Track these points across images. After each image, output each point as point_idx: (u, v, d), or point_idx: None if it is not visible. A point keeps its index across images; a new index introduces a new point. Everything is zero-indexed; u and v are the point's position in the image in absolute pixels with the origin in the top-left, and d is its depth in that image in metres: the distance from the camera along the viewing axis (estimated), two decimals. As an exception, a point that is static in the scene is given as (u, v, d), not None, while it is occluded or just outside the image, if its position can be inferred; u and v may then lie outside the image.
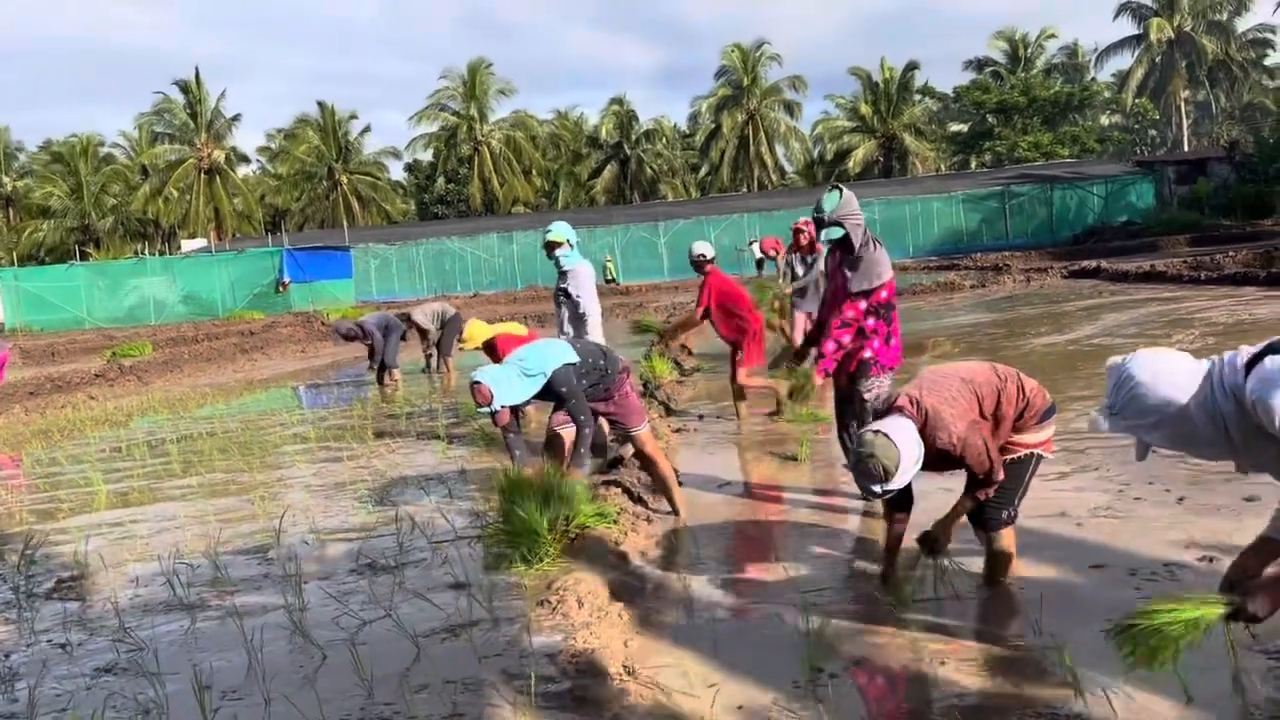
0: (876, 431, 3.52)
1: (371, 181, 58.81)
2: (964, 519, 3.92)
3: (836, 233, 5.08)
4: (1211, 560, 3.88)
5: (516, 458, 5.36)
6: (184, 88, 53.25)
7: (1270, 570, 2.76)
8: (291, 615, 4.03)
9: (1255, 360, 2.55)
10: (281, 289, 34.30)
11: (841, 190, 5.14)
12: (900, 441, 3.48)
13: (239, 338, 22.89)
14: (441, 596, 4.14)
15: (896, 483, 3.50)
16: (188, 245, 45.25)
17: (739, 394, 8.06)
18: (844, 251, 5.13)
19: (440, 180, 62.52)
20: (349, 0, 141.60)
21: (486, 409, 4.97)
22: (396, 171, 65.89)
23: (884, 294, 5.06)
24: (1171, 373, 2.67)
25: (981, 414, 3.74)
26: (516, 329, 8.82)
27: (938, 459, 3.66)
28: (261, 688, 3.32)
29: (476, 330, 8.65)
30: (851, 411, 5.17)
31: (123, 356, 19.72)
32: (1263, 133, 43.48)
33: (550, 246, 6.98)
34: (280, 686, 3.32)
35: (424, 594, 4.18)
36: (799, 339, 8.13)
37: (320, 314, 27.81)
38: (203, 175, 52.70)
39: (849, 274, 5.08)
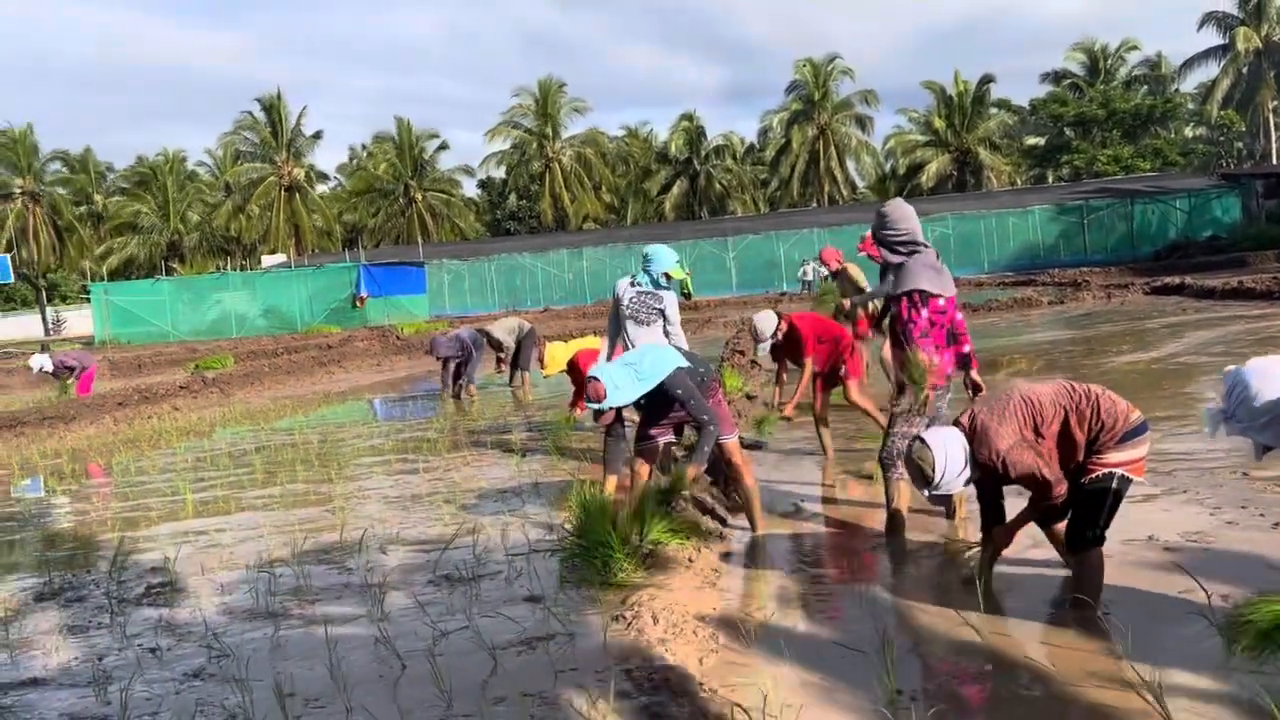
0: (919, 439, 3.92)
1: (445, 198, 59.81)
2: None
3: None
4: (1310, 588, 3.74)
5: (612, 464, 5.40)
6: (266, 106, 54.78)
7: None
8: (372, 625, 4.10)
9: None
10: (359, 303, 35.02)
11: (889, 207, 5.19)
12: (937, 447, 3.82)
13: (317, 351, 23.41)
14: (517, 609, 4.18)
15: (945, 486, 3.83)
16: (268, 261, 46.47)
17: (823, 421, 7.46)
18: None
19: (512, 197, 63.35)
20: (412, 22, 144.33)
21: (597, 405, 5.01)
22: (469, 188, 66.95)
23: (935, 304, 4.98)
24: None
25: (1038, 432, 3.82)
26: (593, 343, 8.82)
27: (1068, 469, 3.84)
28: (343, 696, 3.38)
29: (557, 353, 8.62)
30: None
31: (206, 369, 20.30)
32: (1357, 144, 41.92)
33: (666, 276, 6.71)
34: (361, 695, 3.38)
35: (500, 607, 4.22)
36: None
37: (395, 328, 28.31)
38: (283, 192, 54.10)
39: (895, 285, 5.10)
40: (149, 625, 4.46)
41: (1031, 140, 58.10)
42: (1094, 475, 3.84)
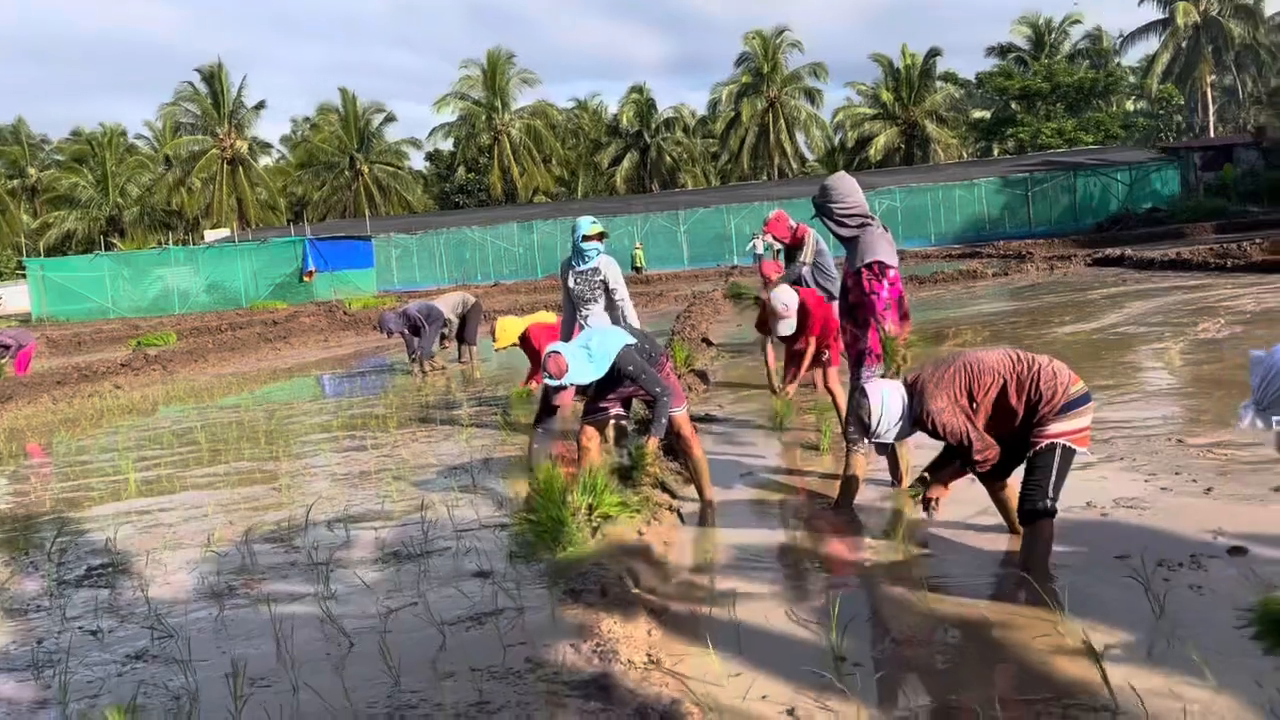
0: (861, 390, 4.20)
1: (392, 171, 59.01)
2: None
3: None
4: (1238, 551, 3.85)
5: (536, 450, 5.39)
6: (206, 76, 53.52)
7: None
8: (319, 603, 4.07)
9: None
10: (307, 278, 34.52)
11: (833, 180, 5.22)
12: (874, 398, 4.07)
13: (262, 327, 23.05)
14: (466, 585, 4.17)
15: (882, 434, 4.09)
16: (211, 235, 45.59)
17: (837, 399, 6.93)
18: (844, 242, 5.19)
19: (461, 170, 62.67)
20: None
21: (557, 382, 4.99)
22: (417, 161, 66.13)
23: (891, 272, 5.05)
24: None
25: (972, 398, 3.98)
26: (546, 318, 8.79)
27: (1004, 436, 4.03)
28: (290, 675, 3.36)
29: (509, 327, 8.49)
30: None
31: (148, 346, 19.92)
32: (1291, 117, 42.92)
33: (598, 237, 6.78)
34: (308, 674, 3.36)
35: (449, 583, 4.21)
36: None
37: (343, 303, 27.96)
38: (225, 165, 53.01)
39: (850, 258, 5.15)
40: (90, 607, 4.39)
41: (977, 113, 58.74)
42: (1038, 446, 3.93)
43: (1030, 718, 2.78)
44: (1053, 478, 3.89)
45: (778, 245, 13.97)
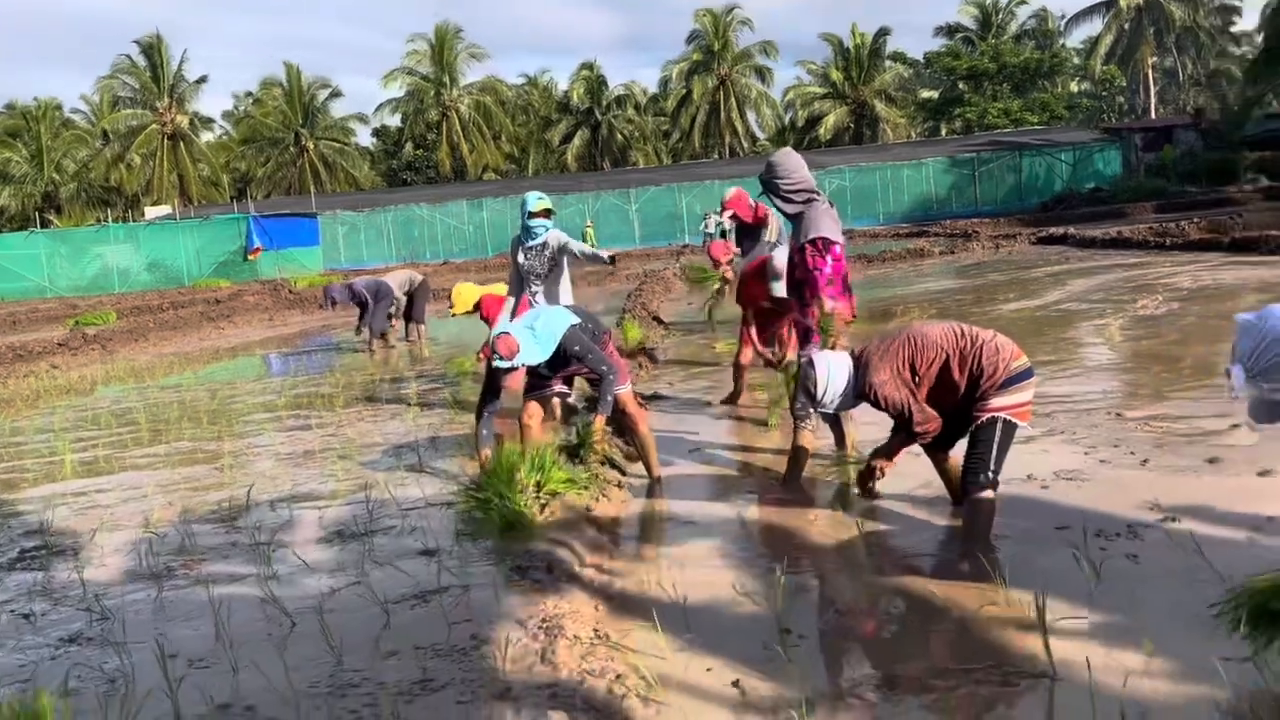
0: (809, 360, 4.29)
1: (338, 147, 58.01)
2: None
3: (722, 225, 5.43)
4: (1174, 520, 3.94)
5: (484, 437, 5.33)
6: (145, 49, 52.10)
7: None
8: (260, 583, 4.00)
9: None
10: (252, 256, 33.90)
11: (778, 156, 5.26)
12: (820, 367, 4.15)
13: (205, 306, 22.61)
14: (411, 563, 4.13)
15: (828, 404, 4.17)
16: (152, 212, 44.49)
17: (743, 370, 7.29)
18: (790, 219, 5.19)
19: (408, 146, 61.82)
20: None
21: (507, 363, 4.93)
22: (363, 137, 65.10)
23: (837, 249, 5.07)
24: None
25: (914, 371, 4.03)
26: (502, 290, 8.76)
27: (948, 409, 4.09)
28: (229, 656, 3.30)
29: (466, 293, 8.50)
30: None
31: (86, 325, 19.45)
32: (1228, 99, 43.83)
33: (545, 214, 6.74)
34: (248, 654, 3.30)
35: (394, 561, 4.17)
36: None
37: (288, 282, 27.50)
38: (166, 140, 51.74)
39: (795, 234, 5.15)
40: (23, 590, 4.28)
41: (925, 93, 59.11)
42: (980, 420, 3.98)
43: (971, 686, 2.82)
44: (994, 451, 3.95)
45: (728, 225, 13.95)
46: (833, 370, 4.14)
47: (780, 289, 6.61)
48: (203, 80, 54.70)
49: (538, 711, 2.60)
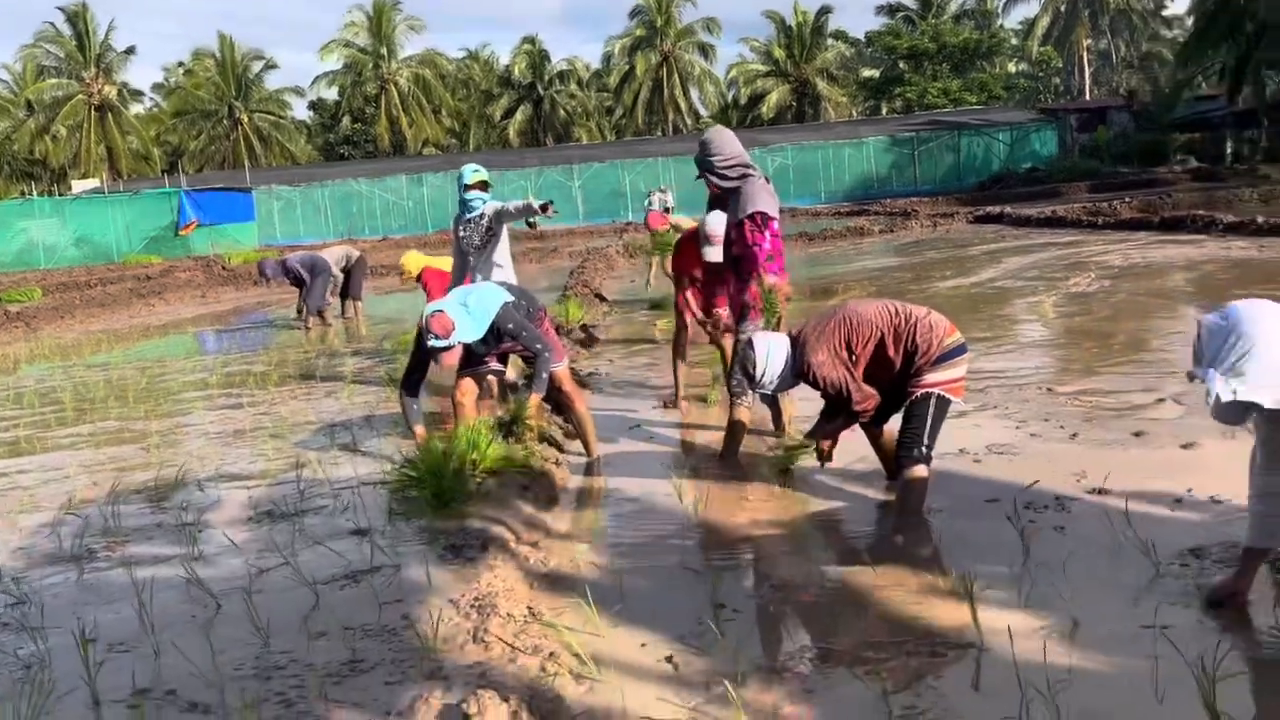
0: (749, 340, 4.29)
1: (274, 120, 56.77)
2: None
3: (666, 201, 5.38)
4: (1100, 492, 4.01)
5: (414, 413, 5.24)
6: (70, 16, 50.39)
7: None
8: (185, 565, 3.90)
9: None
10: (184, 231, 33.07)
11: (710, 134, 5.22)
12: (760, 348, 4.16)
13: (135, 282, 22.05)
14: (342, 543, 4.05)
15: (766, 384, 4.18)
16: (79, 186, 43.15)
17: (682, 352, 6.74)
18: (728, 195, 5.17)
19: (346, 120, 60.70)
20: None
21: (444, 342, 4.83)
22: (300, 110, 63.77)
23: (775, 225, 5.07)
24: None
25: (850, 350, 4.06)
26: (448, 264, 8.71)
27: (884, 385, 4.12)
28: (151, 639, 3.21)
29: (412, 260, 8.75)
30: None
31: (9, 302, 18.83)
32: (1159, 82, 44.76)
33: (476, 187, 6.67)
34: (171, 637, 3.22)
35: (324, 541, 4.09)
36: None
37: (221, 258, 26.92)
38: (93, 112, 50.18)
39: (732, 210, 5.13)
40: (-65, 575, 4.12)
41: (867, 72, 59.50)
42: (914, 395, 4.02)
43: (901, 657, 2.84)
44: (928, 426, 3.99)
45: (672, 203, 13.88)
46: (772, 351, 4.16)
47: (711, 253, 6.19)
48: (131, 51, 53.14)
49: (468, 691, 2.56)
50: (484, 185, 6.57)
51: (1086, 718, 2.41)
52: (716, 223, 6.49)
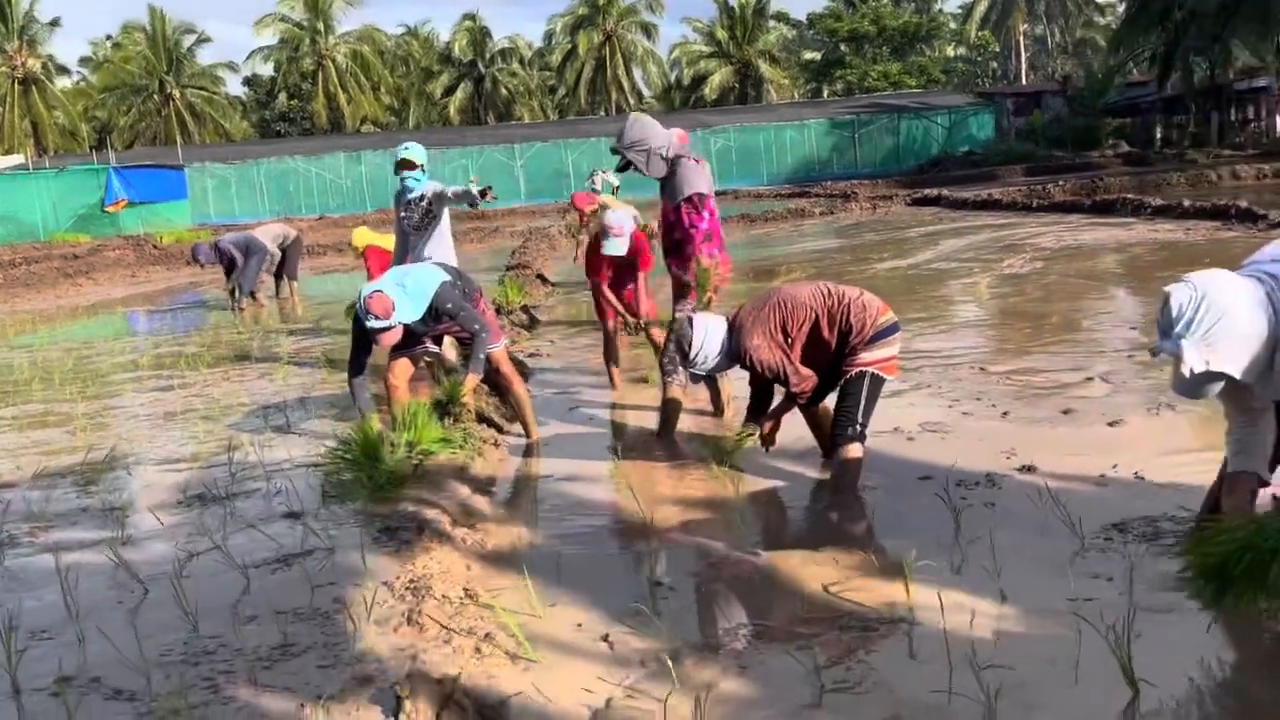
0: (688, 319, 4.32)
1: (207, 96, 55.41)
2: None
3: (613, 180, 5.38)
4: (1030, 469, 4.09)
5: (365, 401, 5.16)
6: (-9, -13, 48.61)
7: None
8: (112, 549, 3.81)
9: None
10: (112, 208, 32.17)
11: (629, 121, 5.15)
12: (698, 328, 4.19)
13: (62, 261, 21.43)
14: (275, 526, 3.99)
15: (700, 364, 4.21)
16: (2, 162, 41.75)
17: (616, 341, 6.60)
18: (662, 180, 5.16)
19: (282, 97, 59.47)
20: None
21: (384, 323, 4.74)
22: (234, 86, 62.32)
23: (711, 204, 5.08)
24: (1252, 298, 2.53)
25: (786, 332, 4.10)
26: (389, 243, 8.63)
27: (820, 365, 4.17)
28: (75, 626, 3.14)
29: (361, 234, 8.92)
30: None
31: (-72, 281, 18.20)
32: (1093, 67, 45.61)
33: (402, 166, 6.60)
34: (96, 624, 3.14)
35: (256, 524, 4.02)
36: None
37: (152, 237, 26.26)
38: (16, 85, 48.50)
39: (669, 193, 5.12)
40: None
41: (808, 55, 59.82)
42: (848, 375, 4.08)
43: (835, 633, 2.88)
44: (862, 404, 4.05)
45: (616, 182, 13.79)
46: (709, 332, 4.20)
47: (612, 246, 6.13)
48: (56, 23, 51.38)
49: (401, 673, 2.54)
50: (417, 165, 6.47)
51: (1012, 688, 2.46)
52: (617, 219, 6.30)
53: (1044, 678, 2.54)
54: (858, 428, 4.03)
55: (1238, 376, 2.54)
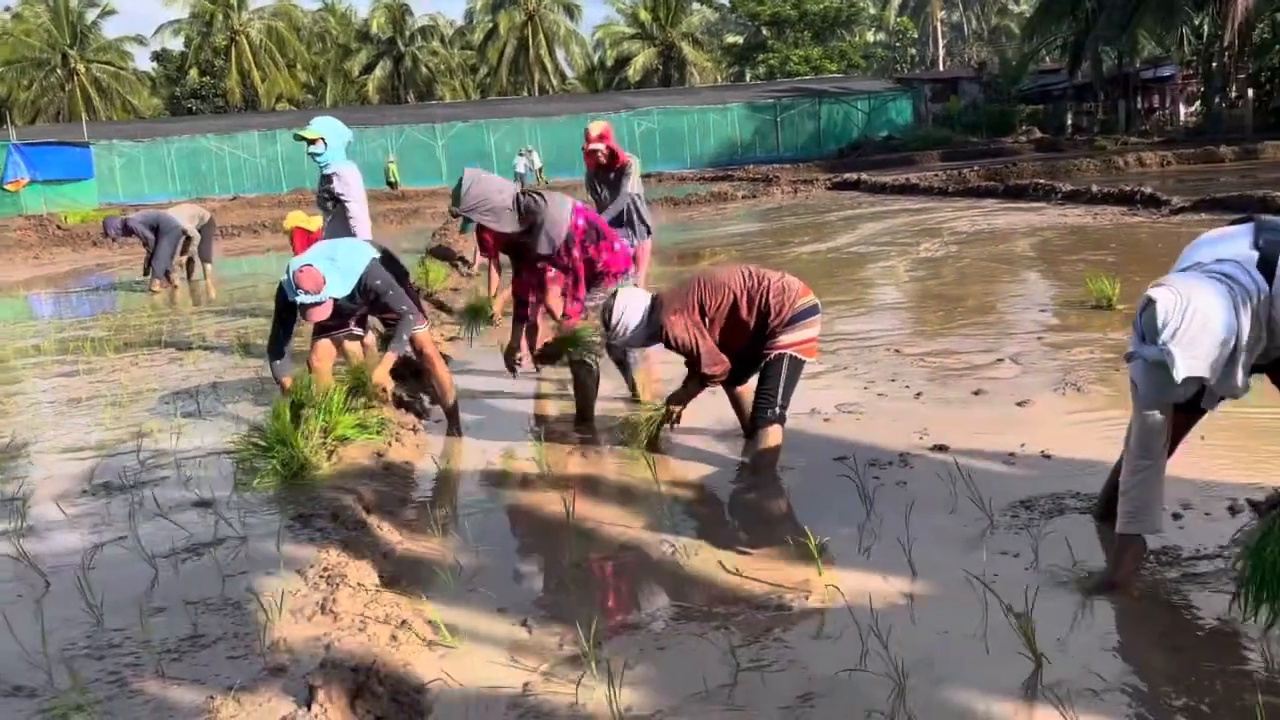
0: (614, 292, 4.39)
1: (114, 71, 53.47)
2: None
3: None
4: (941, 449, 4.19)
5: (279, 366, 5.03)
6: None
7: None
8: (13, 541, 3.67)
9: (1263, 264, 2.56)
10: (11, 187, 30.88)
11: (464, 183, 4.77)
12: (620, 301, 4.28)
13: (-41, 242, 20.54)
14: (185, 515, 3.89)
15: (618, 335, 4.29)
16: (-108, 137, 39.78)
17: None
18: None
19: (193, 72, 57.66)
20: None
21: (313, 298, 4.61)
22: (142, 61, 60.24)
23: (581, 224, 4.89)
24: (1227, 304, 2.53)
25: (703, 313, 4.17)
26: (316, 225, 8.46)
27: (740, 347, 4.24)
28: (-30, 622, 3.02)
29: (292, 217, 8.99)
30: None
31: None
32: (1007, 55, 46.64)
33: (318, 141, 6.37)
34: (-5, 619, 3.03)
35: (166, 513, 3.92)
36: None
37: (56, 217, 25.28)
38: (-93, 57, 46.25)
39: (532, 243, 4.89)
40: None
41: (731, 38, 60.01)
42: (768, 357, 4.13)
43: (750, 612, 2.91)
44: (781, 386, 4.10)
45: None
46: (630, 305, 4.27)
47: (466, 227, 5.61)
48: (-51, -10, 49.05)
49: (314, 662, 2.50)
50: (320, 141, 6.22)
51: (921, 664, 2.53)
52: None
53: (952, 653, 2.61)
54: (777, 409, 4.08)
55: (1212, 381, 2.56)
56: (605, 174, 7.07)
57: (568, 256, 4.87)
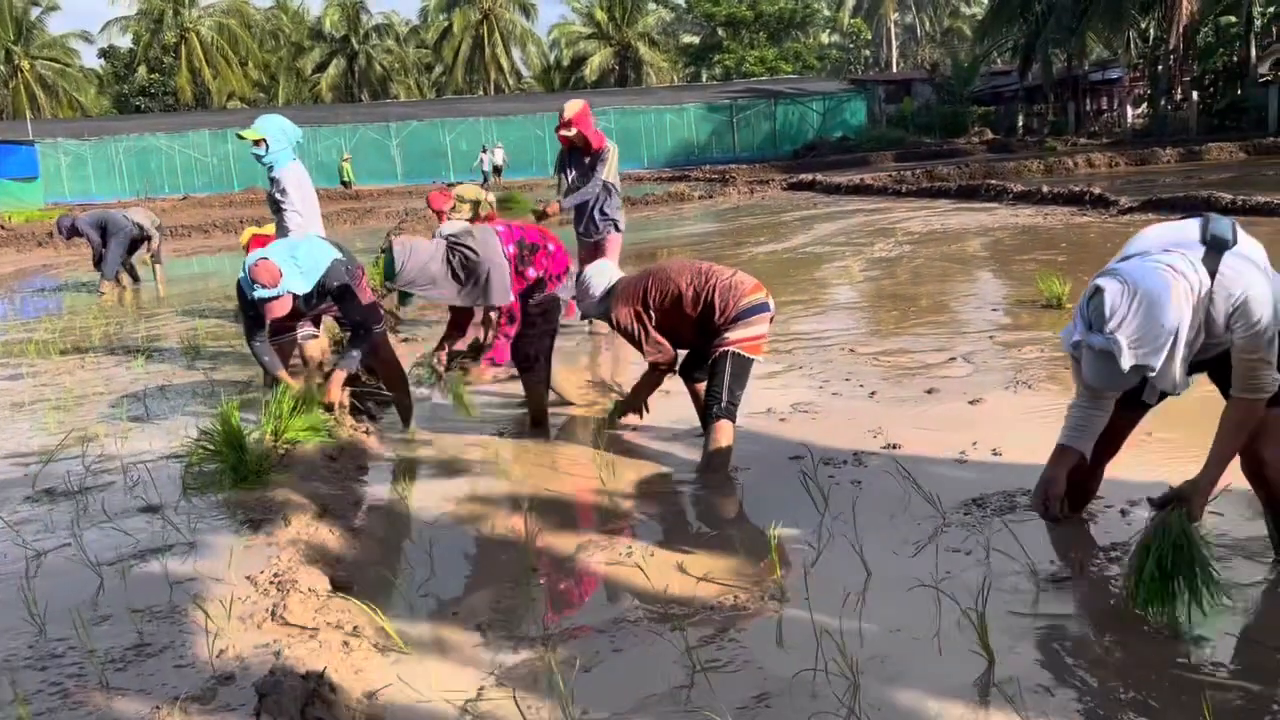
0: (595, 264, 4.69)
1: (59, 68, 52.41)
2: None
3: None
4: (894, 447, 4.23)
5: (269, 363, 4.94)
6: None
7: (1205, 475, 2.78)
8: (-50, 551, 3.58)
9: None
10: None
11: (397, 257, 4.50)
12: (594, 267, 4.59)
13: (-103, 243, 19.99)
14: (131, 521, 3.81)
15: (581, 295, 4.52)
16: None
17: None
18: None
19: (142, 70, 56.67)
20: None
21: (270, 292, 4.50)
22: (89, 58, 59.08)
23: (511, 250, 4.69)
24: (1176, 292, 2.54)
25: (647, 304, 4.33)
26: (270, 232, 8.35)
27: (693, 342, 4.42)
28: (-93, 634, 2.93)
29: (248, 233, 8.52)
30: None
31: None
32: (959, 57, 47.25)
33: (260, 143, 6.27)
34: (-68, 631, 2.95)
35: (112, 519, 3.83)
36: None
37: (1, 217, 24.72)
38: None
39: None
40: None
41: (687, 38, 60.19)
42: (715, 354, 4.18)
43: (706, 613, 2.91)
44: (726, 383, 4.13)
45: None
46: (597, 276, 4.53)
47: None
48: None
49: (264, 670, 2.46)
50: (259, 142, 6.07)
51: (876, 663, 2.54)
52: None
53: (905, 650, 2.62)
54: (722, 406, 4.11)
55: (1158, 369, 2.56)
56: (580, 157, 6.89)
57: (523, 282, 4.83)
